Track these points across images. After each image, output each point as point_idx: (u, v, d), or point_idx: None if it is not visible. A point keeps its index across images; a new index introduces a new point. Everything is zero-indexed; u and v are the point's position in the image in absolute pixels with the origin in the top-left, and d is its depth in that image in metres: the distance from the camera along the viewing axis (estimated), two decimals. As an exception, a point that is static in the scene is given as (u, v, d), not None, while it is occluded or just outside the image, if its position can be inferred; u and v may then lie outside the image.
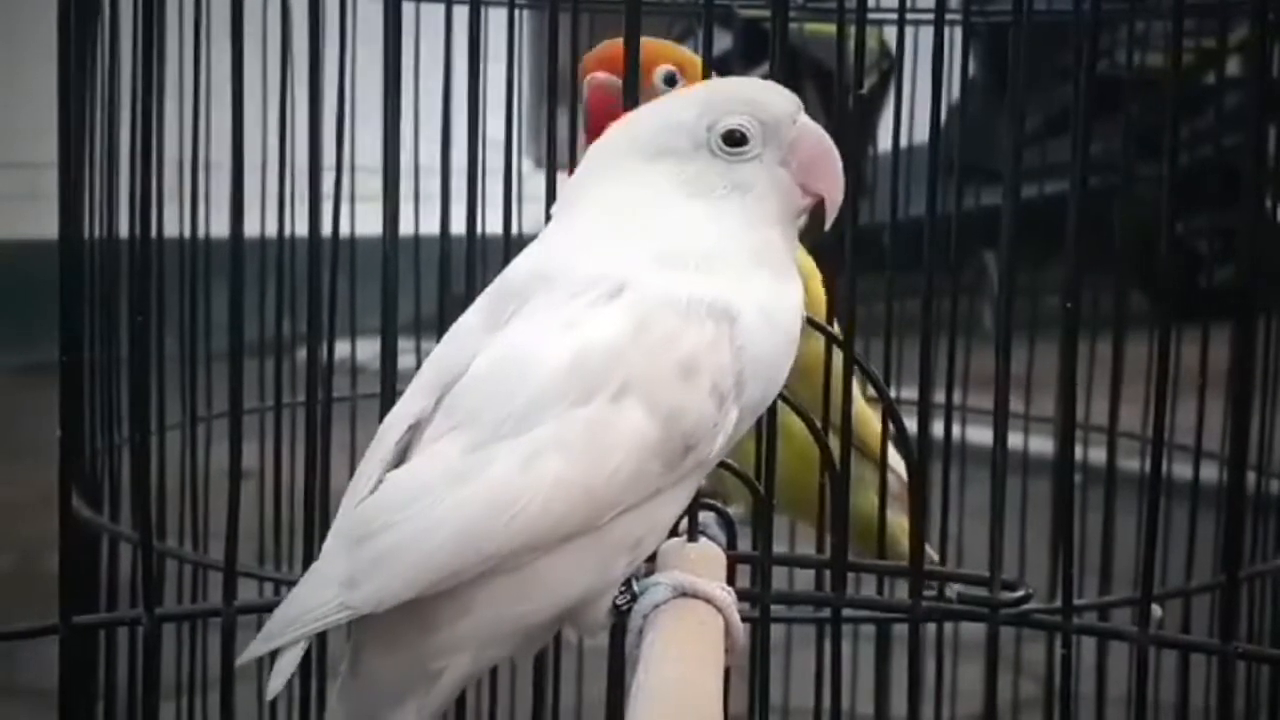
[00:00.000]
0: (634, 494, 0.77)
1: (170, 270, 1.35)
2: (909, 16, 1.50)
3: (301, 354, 1.12)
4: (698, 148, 0.81)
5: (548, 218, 0.86)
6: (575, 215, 0.83)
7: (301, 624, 0.76)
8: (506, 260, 0.85)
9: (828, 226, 0.87)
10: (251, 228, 0.97)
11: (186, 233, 1.53)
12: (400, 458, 0.79)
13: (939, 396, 1.26)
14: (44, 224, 1.16)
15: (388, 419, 0.81)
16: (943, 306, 1.18)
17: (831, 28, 1.28)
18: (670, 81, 1.19)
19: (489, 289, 0.83)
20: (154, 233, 1.26)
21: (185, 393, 1.44)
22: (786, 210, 0.83)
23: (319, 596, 0.76)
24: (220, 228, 1.05)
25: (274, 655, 0.78)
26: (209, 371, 1.47)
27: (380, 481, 0.78)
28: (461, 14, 0.95)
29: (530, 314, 0.79)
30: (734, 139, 0.81)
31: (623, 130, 0.84)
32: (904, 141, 1.30)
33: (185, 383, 1.44)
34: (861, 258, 1.05)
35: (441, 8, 1.05)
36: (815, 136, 0.83)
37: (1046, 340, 1.13)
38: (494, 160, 1.08)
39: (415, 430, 0.79)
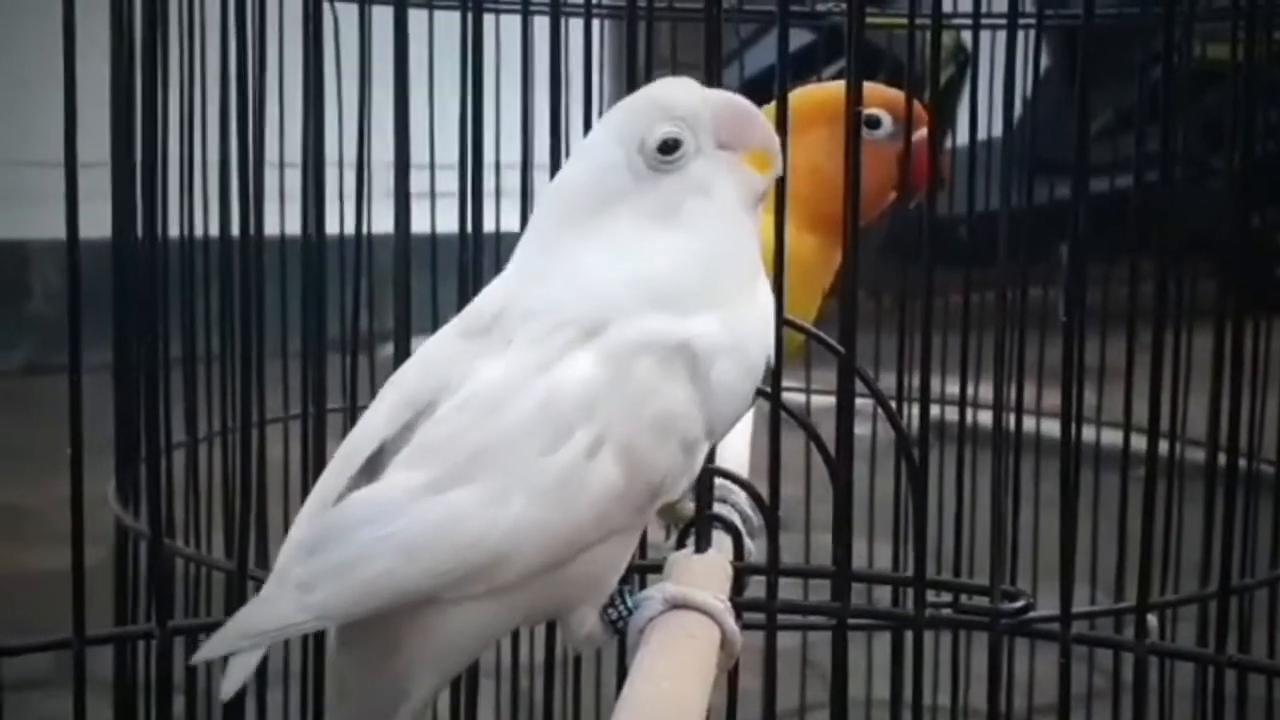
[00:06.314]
0: (598, 536, 0.77)
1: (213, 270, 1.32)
2: (983, 22, 1.51)
3: (384, 352, 1.13)
4: (640, 177, 0.79)
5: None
6: (549, 249, 0.81)
7: (255, 633, 0.75)
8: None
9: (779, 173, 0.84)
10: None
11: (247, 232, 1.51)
12: (366, 477, 0.78)
13: (960, 390, 1.25)
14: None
15: (352, 437, 0.80)
16: (1015, 299, 1.19)
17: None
18: (873, 125, 1.12)
19: (461, 316, 0.82)
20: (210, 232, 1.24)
21: (228, 398, 1.32)
22: (747, 196, 0.80)
23: (278, 606, 0.75)
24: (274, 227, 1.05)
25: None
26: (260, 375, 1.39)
27: (342, 497, 0.77)
28: (542, 24, 0.97)
29: (505, 350, 0.78)
30: (668, 147, 0.79)
31: (555, 195, 0.82)
32: (980, 135, 1.30)
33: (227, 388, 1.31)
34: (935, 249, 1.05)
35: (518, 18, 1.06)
36: (724, 101, 0.80)
37: (1115, 334, 1.14)
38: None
39: (381, 454, 0.78)
